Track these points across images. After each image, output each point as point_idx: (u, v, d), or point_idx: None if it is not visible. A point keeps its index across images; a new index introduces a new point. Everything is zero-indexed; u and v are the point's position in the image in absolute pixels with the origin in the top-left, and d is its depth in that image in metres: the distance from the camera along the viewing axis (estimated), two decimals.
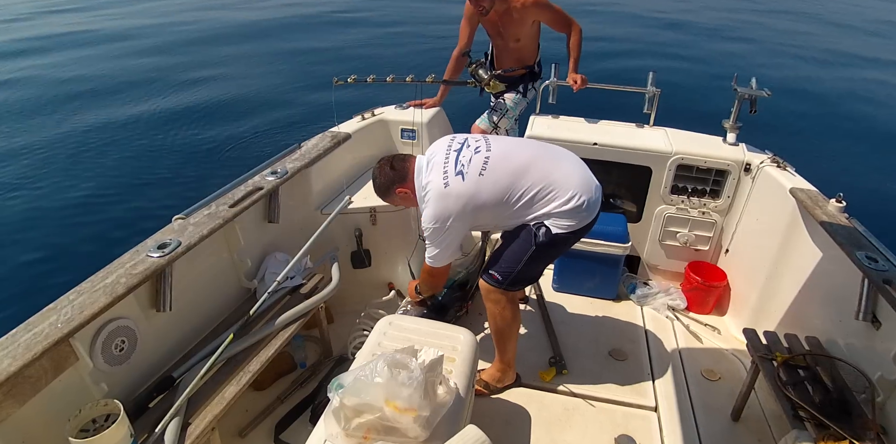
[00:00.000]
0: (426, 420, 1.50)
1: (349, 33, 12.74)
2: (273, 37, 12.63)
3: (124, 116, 7.95)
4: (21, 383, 1.50)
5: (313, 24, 13.99)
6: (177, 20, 14.33)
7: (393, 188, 2.17)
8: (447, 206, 2.01)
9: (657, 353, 2.80)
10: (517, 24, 3.32)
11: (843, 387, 2.00)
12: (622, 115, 3.53)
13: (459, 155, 2.06)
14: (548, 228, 2.07)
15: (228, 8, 16.12)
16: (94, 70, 10.10)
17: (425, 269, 2.27)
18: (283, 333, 2.31)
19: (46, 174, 6.14)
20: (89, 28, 13.23)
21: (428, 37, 12.06)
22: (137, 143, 7.08)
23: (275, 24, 13.84)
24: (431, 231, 2.07)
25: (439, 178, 2.02)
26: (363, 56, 11.00)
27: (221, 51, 11.48)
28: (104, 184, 5.93)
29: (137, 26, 13.65)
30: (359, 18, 14.77)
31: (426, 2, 16.46)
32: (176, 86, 9.30)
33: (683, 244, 3.30)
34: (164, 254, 1.96)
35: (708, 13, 16.84)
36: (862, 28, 16.05)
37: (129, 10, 15.85)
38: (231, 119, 7.86)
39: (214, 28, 13.47)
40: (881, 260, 2.08)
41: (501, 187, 2.02)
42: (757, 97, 3.04)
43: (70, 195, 5.65)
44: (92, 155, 6.66)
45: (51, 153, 6.71)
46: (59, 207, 5.41)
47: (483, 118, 3.58)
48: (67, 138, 7.16)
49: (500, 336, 2.37)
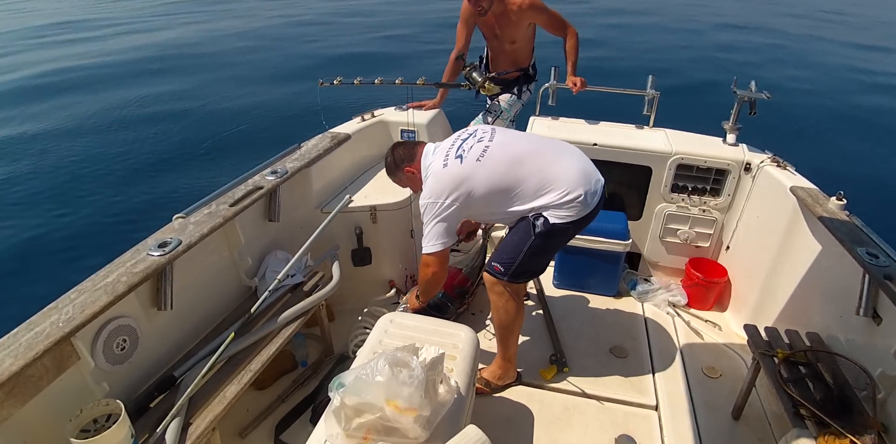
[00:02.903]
0: (427, 420, 1.49)
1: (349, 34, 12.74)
2: (274, 38, 12.62)
3: (125, 116, 7.95)
4: (22, 382, 1.50)
5: (314, 26, 13.98)
6: (176, 20, 14.30)
7: (402, 167, 2.28)
8: (443, 184, 2.08)
9: (658, 350, 2.80)
10: (513, 26, 3.34)
11: (844, 384, 2.00)
12: (622, 118, 3.53)
13: (464, 143, 2.15)
14: (546, 218, 2.09)
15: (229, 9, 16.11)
16: (94, 67, 10.09)
17: (423, 260, 2.25)
18: (284, 331, 2.31)
19: (46, 174, 6.14)
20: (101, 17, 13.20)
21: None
22: (137, 142, 7.08)
23: (275, 23, 13.83)
24: (426, 207, 2.11)
25: (440, 160, 2.13)
26: (363, 56, 11.00)
27: (221, 51, 11.47)
28: (104, 184, 5.94)
29: (142, 22, 13.64)
30: (358, 19, 14.77)
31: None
32: (176, 86, 9.29)
33: (684, 241, 3.30)
34: (164, 253, 1.96)
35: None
36: (862, 24, 16.02)
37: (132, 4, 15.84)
38: (231, 119, 7.86)
39: (216, 28, 13.45)
40: (882, 256, 2.08)
41: (497, 174, 2.07)
42: (756, 99, 3.04)
43: (70, 195, 5.65)
44: (92, 155, 6.66)
45: (51, 153, 6.71)
46: (59, 207, 5.41)
47: (478, 120, 3.59)
48: (67, 138, 7.16)
49: (504, 330, 2.37)
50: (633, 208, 3.35)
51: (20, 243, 4.84)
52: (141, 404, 1.90)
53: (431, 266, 2.22)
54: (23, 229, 5.04)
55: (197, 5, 17.92)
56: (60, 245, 4.79)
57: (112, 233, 4.89)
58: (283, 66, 10.52)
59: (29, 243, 4.85)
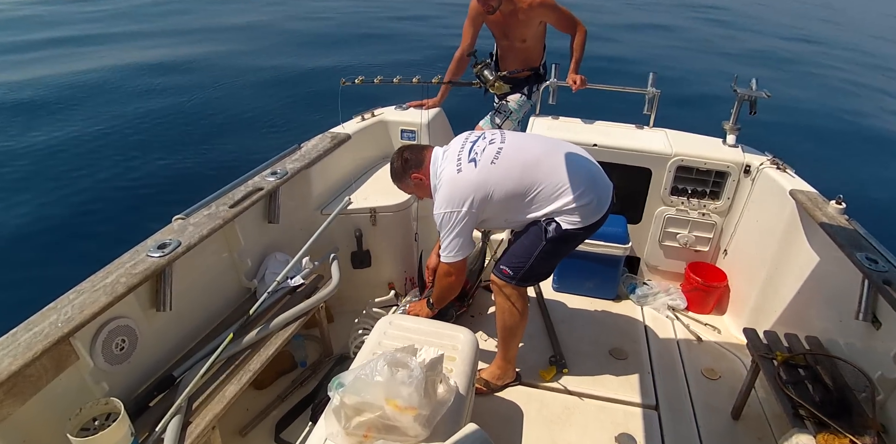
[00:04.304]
0: (426, 419, 1.50)
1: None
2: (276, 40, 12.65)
3: (124, 115, 7.95)
4: (22, 382, 1.50)
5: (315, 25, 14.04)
6: (179, 21, 14.34)
7: (409, 173, 2.21)
8: (459, 191, 2.03)
9: (657, 352, 2.80)
10: (523, 24, 3.31)
11: (844, 386, 2.00)
12: (622, 117, 3.53)
13: (475, 145, 2.11)
14: (558, 223, 2.08)
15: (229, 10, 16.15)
16: (94, 66, 10.10)
17: (443, 270, 2.23)
18: (284, 332, 2.31)
19: (46, 174, 6.14)
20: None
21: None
22: (137, 142, 7.08)
23: (277, 25, 13.88)
24: (443, 218, 2.07)
25: (453, 165, 2.07)
26: (365, 57, 11.02)
27: (222, 53, 11.49)
28: (104, 184, 5.93)
29: (141, 23, 13.68)
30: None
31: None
32: (176, 86, 9.31)
33: (683, 245, 3.31)
34: (164, 254, 1.96)
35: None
36: (866, 29, 16.07)
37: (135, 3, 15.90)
38: (231, 119, 7.87)
39: (215, 30, 13.49)
40: (881, 261, 2.08)
41: (512, 178, 2.04)
42: (757, 98, 3.04)
43: (70, 195, 5.65)
44: (91, 155, 6.66)
45: (50, 153, 6.71)
46: (59, 208, 5.40)
47: (486, 120, 3.57)
48: (67, 139, 7.16)
49: (507, 332, 2.37)
50: (632, 212, 3.35)
51: (20, 243, 4.83)
52: (140, 403, 1.90)
53: (452, 276, 2.21)
54: (23, 229, 5.03)
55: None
56: (61, 245, 4.79)
57: (112, 233, 4.88)
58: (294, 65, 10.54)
59: (29, 242, 4.84)
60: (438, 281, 2.29)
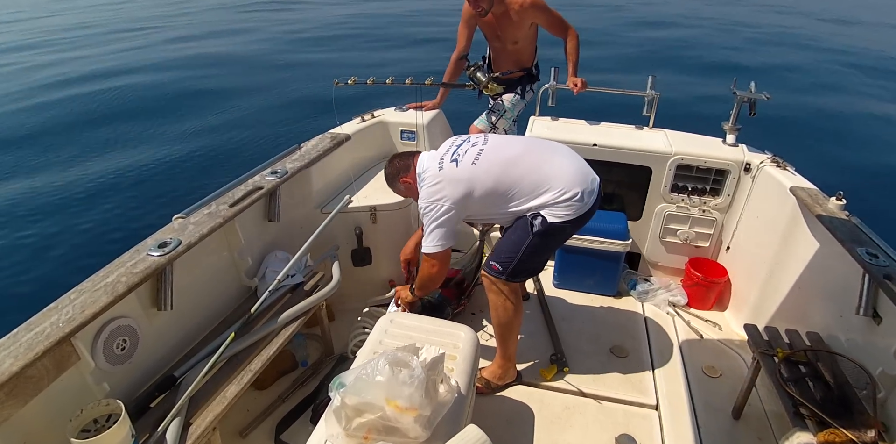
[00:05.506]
0: (427, 420, 1.49)
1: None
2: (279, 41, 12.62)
3: (124, 115, 7.95)
4: (23, 382, 1.50)
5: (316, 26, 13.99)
6: (178, 21, 14.30)
7: (399, 178, 2.31)
8: (439, 187, 2.11)
9: (658, 350, 2.80)
10: (515, 26, 3.33)
11: (844, 383, 2.00)
12: (622, 119, 3.53)
13: (458, 148, 2.20)
14: (544, 217, 2.11)
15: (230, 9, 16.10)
16: (95, 66, 10.09)
17: (424, 259, 2.28)
18: (285, 331, 2.31)
19: (46, 174, 6.14)
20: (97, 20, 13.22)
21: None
22: (137, 142, 7.08)
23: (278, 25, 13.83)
24: (425, 212, 2.14)
25: (435, 163, 2.16)
26: (364, 58, 11.01)
27: (222, 53, 11.48)
28: (104, 184, 5.93)
29: (142, 23, 13.65)
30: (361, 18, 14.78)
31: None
32: (176, 86, 9.30)
33: (684, 241, 3.31)
34: (164, 253, 1.96)
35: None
36: (868, 26, 16.02)
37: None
38: (231, 118, 7.86)
39: (217, 30, 13.45)
40: (882, 256, 2.08)
41: (493, 175, 2.10)
42: (756, 100, 3.04)
43: (70, 196, 5.65)
44: (91, 155, 6.66)
45: (51, 153, 6.71)
46: (59, 208, 5.41)
47: (481, 119, 3.59)
48: (67, 139, 7.16)
49: (502, 329, 2.37)
50: (632, 208, 3.35)
51: (20, 243, 4.84)
52: (141, 404, 1.90)
53: (435, 266, 2.26)
54: (23, 229, 5.04)
55: None
56: (61, 245, 4.79)
57: (112, 232, 4.88)
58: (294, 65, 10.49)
59: (29, 242, 4.84)
60: (422, 270, 2.34)
